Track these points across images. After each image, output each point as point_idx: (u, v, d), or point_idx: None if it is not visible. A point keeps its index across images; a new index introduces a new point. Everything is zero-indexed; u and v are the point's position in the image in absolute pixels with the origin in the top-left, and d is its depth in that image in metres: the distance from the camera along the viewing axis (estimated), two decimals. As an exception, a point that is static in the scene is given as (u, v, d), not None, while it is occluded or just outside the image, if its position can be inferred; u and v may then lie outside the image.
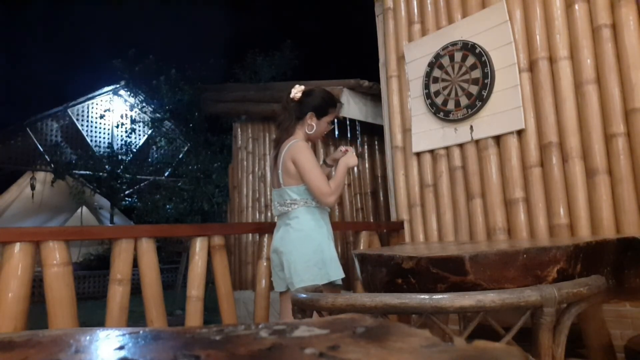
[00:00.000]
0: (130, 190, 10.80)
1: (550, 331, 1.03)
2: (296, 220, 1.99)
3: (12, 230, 1.79)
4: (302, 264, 1.91)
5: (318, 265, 1.91)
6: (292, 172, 1.99)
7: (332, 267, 1.93)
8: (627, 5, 2.22)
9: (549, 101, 2.45)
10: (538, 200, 2.46)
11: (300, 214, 1.99)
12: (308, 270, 1.89)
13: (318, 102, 2.07)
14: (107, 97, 11.99)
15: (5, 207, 9.95)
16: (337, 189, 1.97)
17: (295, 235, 1.97)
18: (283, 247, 1.98)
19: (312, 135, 2.10)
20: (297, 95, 2.06)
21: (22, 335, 0.41)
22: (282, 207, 2.04)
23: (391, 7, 3.28)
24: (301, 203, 1.99)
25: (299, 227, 1.97)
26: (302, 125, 2.07)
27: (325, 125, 2.12)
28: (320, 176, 1.95)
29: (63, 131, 11.38)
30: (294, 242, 1.95)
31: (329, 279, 1.91)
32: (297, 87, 2.08)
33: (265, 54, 9.97)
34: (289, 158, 1.99)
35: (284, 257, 1.97)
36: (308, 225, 1.97)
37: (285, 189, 2.02)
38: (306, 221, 1.98)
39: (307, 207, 2.00)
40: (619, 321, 2.13)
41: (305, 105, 2.06)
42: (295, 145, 2.00)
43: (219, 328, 0.42)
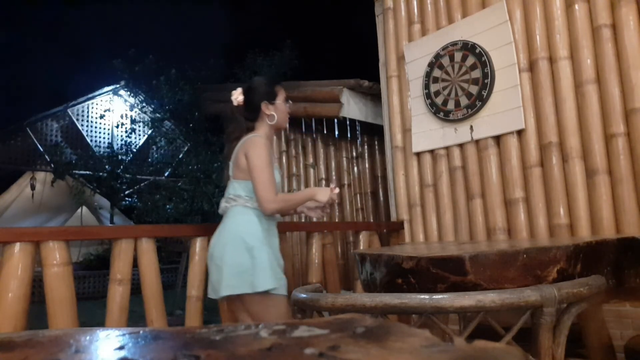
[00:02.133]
0: (130, 190, 10.79)
1: (550, 331, 1.03)
2: (231, 220, 1.83)
3: (12, 230, 1.79)
4: (229, 269, 1.74)
5: (248, 272, 1.73)
6: (242, 166, 1.84)
7: (260, 275, 1.72)
8: (627, 5, 2.22)
9: (549, 101, 2.45)
10: (538, 200, 2.46)
11: (237, 214, 1.83)
12: (235, 276, 1.73)
13: (263, 89, 1.95)
14: (107, 97, 11.98)
15: (5, 207, 9.95)
16: (284, 202, 1.82)
17: (227, 237, 1.80)
18: (214, 250, 1.82)
19: (278, 123, 1.95)
20: (240, 98, 1.95)
21: (22, 335, 0.41)
22: (224, 203, 1.89)
23: (391, 7, 3.28)
24: (241, 201, 1.83)
25: (232, 229, 1.81)
26: (260, 121, 1.94)
27: (283, 106, 1.98)
28: (269, 178, 1.78)
29: (63, 131, 11.38)
30: (225, 245, 1.78)
31: (254, 288, 1.71)
32: (235, 92, 1.97)
33: (265, 54, 9.96)
34: (243, 151, 1.85)
35: (214, 261, 1.80)
36: (242, 227, 1.80)
37: (232, 182, 1.89)
38: (241, 223, 1.81)
39: (245, 207, 1.83)
40: (619, 321, 2.13)
41: (253, 100, 1.93)
42: (252, 139, 1.86)
43: (219, 328, 0.42)
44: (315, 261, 2.64)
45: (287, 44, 10.17)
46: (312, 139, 4.90)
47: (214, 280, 1.81)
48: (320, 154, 4.84)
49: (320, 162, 4.82)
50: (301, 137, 5.02)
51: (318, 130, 4.77)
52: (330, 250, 2.75)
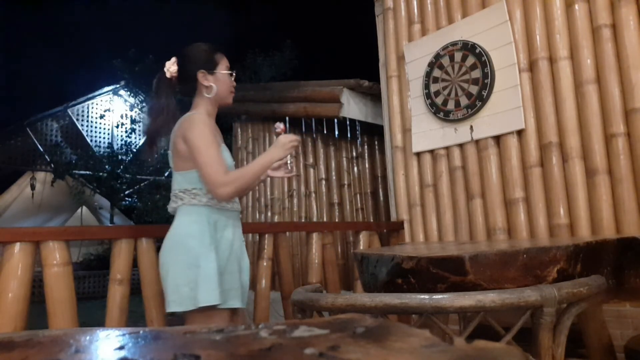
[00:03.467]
0: (130, 190, 10.80)
1: (550, 331, 1.03)
2: (176, 222, 1.57)
3: (12, 230, 1.79)
4: (171, 281, 1.49)
5: (190, 285, 1.47)
6: (183, 153, 1.55)
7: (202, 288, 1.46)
8: (627, 5, 2.22)
9: (549, 101, 2.45)
10: (538, 200, 2.46)
11: (181, 214, 1.57)
12: (176, 291, 1.48)
13: (200, 56, 1.65)
14: (107, 97, 12.00)
15: (5, 207, 9.95)
16: (239, 180, 1.52)
17: (170, 242, 1.54)
18: (160, 258, 1.57)
19: (220, 95, 1.65)
20: (173, 68, 1.65)
21: (22, 335, 0.41)
22: (170, 202, 1.62)
23: (391, 7, 3.28)
24: (187, 199, 1.56)
25: (174, 232, 1.55)
26: (198, 96, 1.65)
27: (227, 77, 1.68)
28: (215, 158, 1.50)
29: (63, 131, 11.39)
30: (167, 252, 1.54)
31: (196, 304, 1.46)
32: (168, 62, 1.66)
33: (265, 54, 9.98)
34: (180, 135, 1.55)
35: (160, 269, 1.56)
36: (186, 229, 1.53)
37: (175, 175, 1.60)
38: (185, 224, 1.54)
39: (191, 207, 1.56)
40: (619, 321, 2.13)
41: (189, 70, 1.63)
42: (188, 118, 1.58)
43: (219, 328, 0.42)
44: (315, 261, 2.64)
45: (287, 44, 10.19)
46: (312, 139, 4.90)
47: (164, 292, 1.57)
48: (320, 154, 4.84)
49: (320, 162, 4.83)
50: (301, 137, 5.02)
51: (318, 130, 4.77)
52: (330, 250, 2.75)
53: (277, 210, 5.12)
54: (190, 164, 1.56)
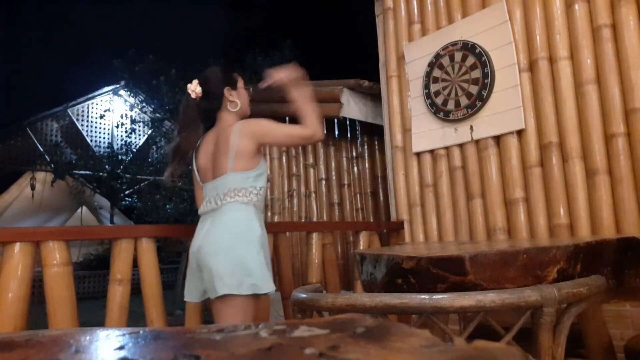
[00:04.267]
0: (130, 190, 10.79)
1: (550, 331, 1.03)
2: (228, 216, 1.70)
3: (12, 230, 1.80)
4: (227, 268, 1.61)
5: (245, 273, 1.62)
6: (248, 153, 1.73)
7: (260, 276, 1.63)
8: (627, 5, 2.22)
9: (549, 101, 2.45)
10: (538, 200, 2.46)
11: (234, 210, 1.71)
12: (233, 275, 1.61)
13: (222, 76, 1.86)
14: (107, 97, 11.99)
15: (5, 207, 9.95)
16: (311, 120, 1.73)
17: (221, 235, 1.68)
18: (206, 247, 1.69)
19: (242, 110, 1.86)
20: (198, 89, 1.83)
21: (22, 335, 0.41)
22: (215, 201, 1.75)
23: (391, 7, 3.28)
24: (238, 198, 1.71)
25: (228, 228, 1.69)
26: (223, 111, 1.83)
27: (245, 93, 1.89)
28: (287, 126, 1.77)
29: (63, 131, 11.38)
30: (219, 244, 1.66)
31: (256, 290, 1.61)
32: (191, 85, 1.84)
33: (265, 54, 9.98)
34: (246, 135, 1.72)
35: (206, 260, 1.66)
36: (240, 224, 1.69)
37: (231, 175, 1.73)
38: (239, 219, 1.70)
39: (242, 204, 1.71)
40: (619, 321, 2.13)
41: (214, 88, 1.83)
42: (248, 121, 1.77)
43: (219, 328, 0.42)
44: (315, 261, 2.64)
45: (287, 44, 10.19)
46: (312, 139, 4.89)
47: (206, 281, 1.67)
48: (320, 154, 4.84)
49: (320, 162, 4.83)
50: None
51: (318, 130, 4.76)
52: (330, 250, 2.75)
53: (277, 210, 5.12)
54: (251, 165, 1.74)
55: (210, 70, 1.89)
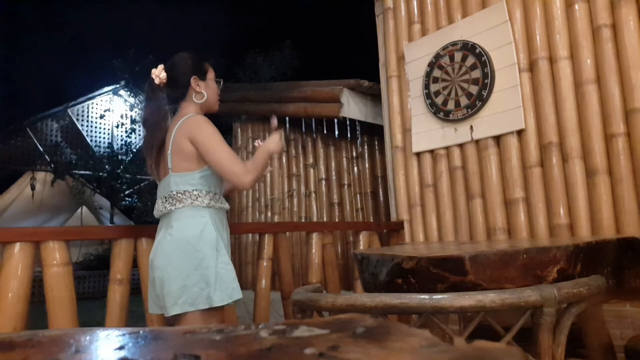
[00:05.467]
0: (130, 190, 10.80)
1: (550, 331, 1.03)
2: (177, 224, 1.56)
3: (12, 230, 1.79)
4: (177, 283, 1.50)
5: (199, 286, 1.50)
6: (188, 154, 1.58)
7: (217, 288, 1.51)
8: (627, 5, 2.22)
9: (549, 101, 2.45)
10: (538, 200, 2.46)
11: (184, 216, 1.56)
12: (185, 291, 1.49)
13: (192, 62, 1.72)
14: (107, 97, 12.00)
15: (5, 207, 9.95)
16: (255, 169, 1.59)
17: (173, 244, 1.54)
18: (156, 260, 1.57)
19: (208, 102, 1.73)
20: (163, 75, 1.69)
21: (22, 335, 0.41)
22: (164, 204, 1.61)
23: (391, 7, 3.28)
24: (188, 201, 1.57)
25: (179, 235, 1.54)
26: (187, 101, 1.70)
27: (214, 85, 1.77)
28: (230, 152, 1.56)
29: (63, 131, 11.39)
30: (169, 254, 1.53)
31: (211, 303, 1.50)
32: (156, 69, 1.70)
33: (265, 54, 9.98)
34: (184, 136, 1.58)
35: (157, 273, 1.55)
36: (192, 231, 1.54)
37: (173, 176, 1.59)
38: (190, 226, 1.55)
39: (193, 208, 1.57)
40: (619, 321, 2.13)
41: (180, 76, 1.69)
42: (192, 119, 1.61)
43: (219, 328, 0.42)
44: (315, 261, 2.64)
45: (287, 44, 10.19)
46: (312, 139, 4.90)
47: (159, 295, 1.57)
48: (320, 154, 4.84)
49: (320, 162, 4.83)
50: (301, 137, 5.02)
51: (318, 130, 4.77)
52: (330, 250, 2.75)
53: (277, 210, 5.12)
54: (193, 165, 1.59)
55: (178, 55, 1.74)
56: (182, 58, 1.73)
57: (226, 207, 1.69)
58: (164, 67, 1.71)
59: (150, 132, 1.68)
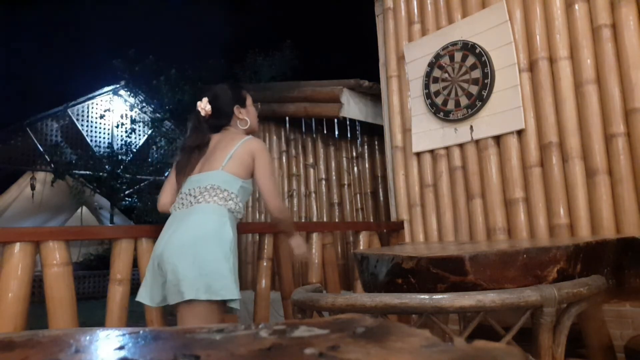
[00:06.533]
0: (130, 190, 10.80)
1: (550, 331, 1.03)
2: (197, 217, 1.63)
3: (12, 230, 1.79)
4: (193, 270, 1.54)
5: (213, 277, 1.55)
6: (245, 164, 1.73)
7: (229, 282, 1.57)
8: (627, 5, 2.22)
9: (549, 101, 2.45)
10: (538, 200, 2.46)
11: (205, 212, 1.64)
12: (201, 279, 1.53)
13: (232, 94, 1.87)
14: (107, 97, 11.99)
15: (5, 207, 9.95)
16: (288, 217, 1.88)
17: (190, 235, 1.59)
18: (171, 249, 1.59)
19: (251, 127, 1.90)
20: (208, 107, 1.84)
21: (22, 335, 0.41)
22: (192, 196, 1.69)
23: (391, 7, 3.28)
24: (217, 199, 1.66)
25: (198, 228, 1.60)
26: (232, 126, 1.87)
27: (254, 109, 1.94)
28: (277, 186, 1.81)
29: (63, 131, 11.39)
30: (187, 244, 1.58)
31: (224, 295, 1.55)
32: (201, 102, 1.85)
33: (265, 54, 9.98)
34: (249, 151, 1.73)
35: (171, 261, 1.57)
36: (212, 226, 1.61)
37: (221, 173, 1.69)
38: (211, 221, 1.62)
39: (219, 207, 1.65)
40: (619, 321, 2.13)
41: (224, 106, 1.85)
42: (257, 142, 1.78)
43: (219, 328, 0.42)
44: (315, 261, 2.64)
45: (287, 44, 10.19)
46: (312, 139, 4.90)
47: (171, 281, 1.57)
48: (320, 154, 4.84)
49: (320, 162, 4.83)
50: (301, 137, 5.02)
51: (318, 130, 4.77)
52: (330, 250, 2.75)
53: (277, 210, 5.11)
54: (243, 174, 1.74)
55: (219, 87, 1.90)
56: (222, 89, 1.89)
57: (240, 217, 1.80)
58: (208, 100, 1.85)
59: (187, 156, 1.80)
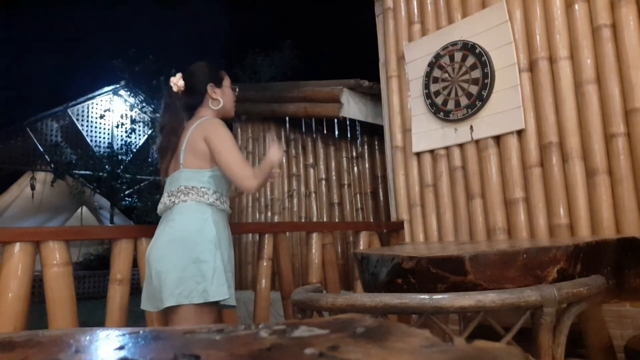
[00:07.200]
0: (130, 190, 10.80)
1: (550, 331, 1.03)
2: (179, 217, 1.60)
3: (12, 230, 1.79)
4: (174, 274, 1.51)
5: (195, 279, 1.50)
6: (201, 152, 1.65)
7: (213, 282, 1.51)
8: (627, 5, 2.22)
9: (549, 101, 2.45)
10: (538, 200, 2.46)
11: (187, 211, 1.60)
12: (181, 283, 1.50)
13: (208, 71, 1.80)
14: (107, 97, 12.00)
15: (5, 207, 9.95)
16: (261, 175, 1.63)
17: (171, 237, 1.57)
18: (154, 252, 1.59)
19: (224, 108, 1.81)
20: (181, 83, 1.77)
21: (22, 335, 0.41)
22: (170, 197, 1.65)
23: (391, 7, 3.28)
24: (194, 196, 1.61)
25: (179, 228, 1.57)
26: (204, 107, 1.77)
27: (230, 92, 1.85)
28: (241, 157, 1.63)
29: (63, 131, 11.39)
30: (167, 247, 1.56)
31: (207, 298, 1.50)
32: (174, 78, 1.78)
33: (265, 54, 9.99)
34: (200, 135, 1.64)
35: (154, 265, 1.56)
36: (192, 226, 1.57)
37: (184, 172, 1.65)
38: (191, 221, 1.58)
39: (197, 204, 1.61)
40: (619, 321, 2.13)
41: (198, 84, 1.77)
42: (208, 121, 1.69)
43: (219, 328, 0.42)
44: (315, 261, 2.64)
45: (287, 44, 10.21)
46: (312, 139, 4.90)
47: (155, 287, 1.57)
48: (320, 154, 4.84)
49: (320, 162, 4.83)
50: (301, 137, 5.02)
51: (318, 130, 4.77)
52: (330, 250, 2.75)
53: (277, 210, 5.12)
54: (205, 164, 1.65)
55: (195, 65, 1.82)
56: (198, 67, 1.81)
57: (228, 211, 1.73)
58: (181, 76, 1.79)
59: (166, 137, 1.74)
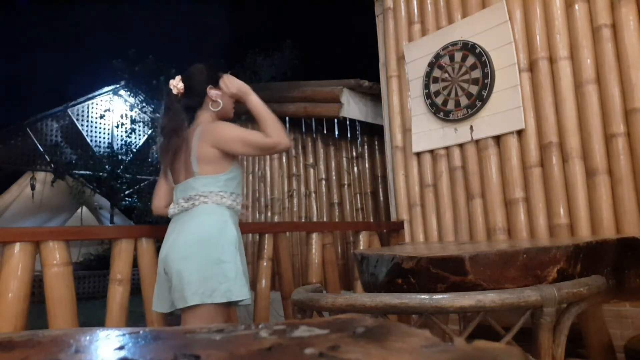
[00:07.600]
0: (130, 190, 10.79)
1: (550, 331, 1.03)
2: (198, 220, 1.62)
3: (12, 230, 1.79)
4: (198, 274, 1.52)
5: (218, 279, 1.53)
6: (213, 158, 1.65)
7: (237, 283, 1.54)
8: (627, 5, 2.22)
9: (549, 101, 2.45)
10: (538, 200, 2.46)
11: (206, 213, 1.62)
12: (204, 283, 1.52)
13: (207, 73, 1.78)
14: (107, 97, 11.99)
15: (5, 207, 9.95)
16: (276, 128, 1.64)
17: (192, 237, 1.58)
18: (174, 253, 1.59)
19: (224, 110, 1.78)
20: (180, 85, 1.76)
21: (22, 335, 0.41)
22: (185, 202, 1.67)
23: (391, 7, 3.28)
24: (212, 199, 1.64)
25: (200, 230, 1.59)
26: (203, 109, 1.76)
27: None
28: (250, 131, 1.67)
29: (63, 131, 11.39)
30: (189, 247, 1.57)
31: (230, 297, 1.52)
32: (174, 80, 1.78)
33: (265, 54, 9.98)
34: (206, 143, 1.65)
35: (174, 265, 1.57)
36: (212, 227, 1.60)
37: (200, 178, 1.66)
38: (211, 223, 1.61)
39: (218, 206, 1.64)
40: (619, 321, 2.13)
41: (197, 85, 1.76)
42: (209, 126, 1.68)
43: (219, 328, 0.42)
44: (315, 261, 2.64)
45: (287, 44, 10.20)
46: (312, 139, 4.90)
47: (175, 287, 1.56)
48: (320, 154, 4.84)
49: (320, 162, 4.83)
50: (301, 137, 5.02)
51: (318, 130, 4.77)
52: (330, 250, 2.75)
53: (277, 210, 5.12)
54: (220, 168, 1.67)
55: (194, 66, 1.81)
56: (197, 69, 1.80)
57: (239, 209, 1.75)
58: (181, 78, 1.78)
59: (167, 139, 1.73)
